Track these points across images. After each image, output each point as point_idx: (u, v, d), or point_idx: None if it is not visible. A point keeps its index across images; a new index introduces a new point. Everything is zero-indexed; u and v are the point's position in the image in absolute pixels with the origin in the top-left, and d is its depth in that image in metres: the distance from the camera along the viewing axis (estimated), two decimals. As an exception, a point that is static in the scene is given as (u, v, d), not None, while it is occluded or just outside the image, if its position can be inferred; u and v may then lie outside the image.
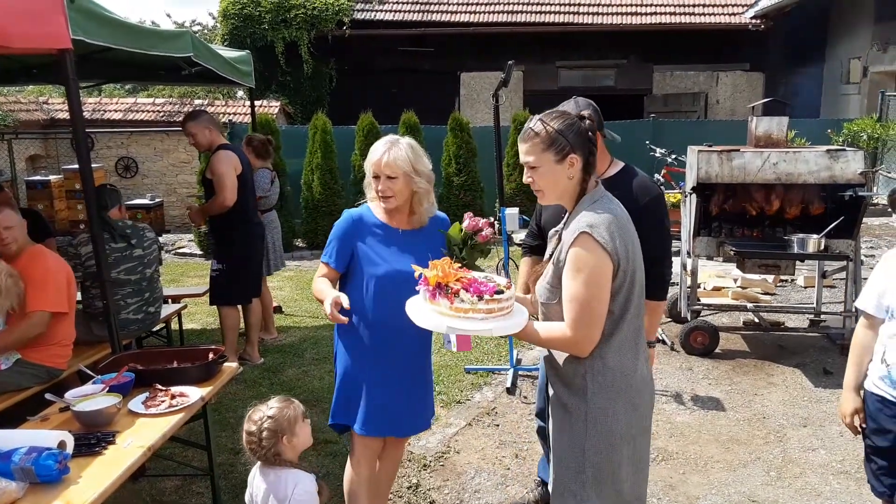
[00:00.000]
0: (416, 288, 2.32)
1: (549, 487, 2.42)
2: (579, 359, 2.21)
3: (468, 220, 2.70)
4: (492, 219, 2.98)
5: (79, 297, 4.58)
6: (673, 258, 3.04)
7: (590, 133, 2.21)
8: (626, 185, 2.92)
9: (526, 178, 2.25)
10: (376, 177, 2.76)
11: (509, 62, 4.83)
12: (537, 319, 2.39)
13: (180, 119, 5.68)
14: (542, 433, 3.43)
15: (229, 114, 13.69)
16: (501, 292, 2.18)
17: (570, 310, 2.14)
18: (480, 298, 2.14)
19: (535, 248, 3.30)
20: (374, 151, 2.78)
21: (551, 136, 2.17)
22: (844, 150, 5.52)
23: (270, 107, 14.08)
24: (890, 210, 2.92)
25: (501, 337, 3.63)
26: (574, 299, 2.12)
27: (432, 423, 3.62)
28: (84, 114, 5.80)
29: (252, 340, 5.68)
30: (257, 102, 11.04)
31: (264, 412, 2.47)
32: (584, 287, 2.11)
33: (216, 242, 5.46)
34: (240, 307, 5.58)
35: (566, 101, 3.02)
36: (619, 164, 3.05)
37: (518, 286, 3.13)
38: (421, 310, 2.28)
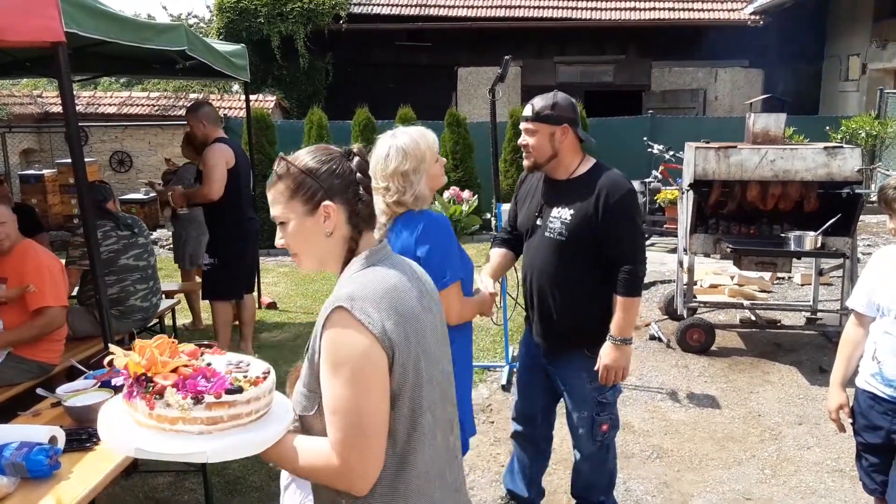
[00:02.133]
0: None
1: None
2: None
3: (465, 195, 2.72)
4: (468, 191, 3.03)
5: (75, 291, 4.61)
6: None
7: (359, 173, 1.64)
8: (594, 182, 2.87)
9: (277, 241, 1.67)
10: (438, 160, 2.60)
11: (506, 57, 4.81)
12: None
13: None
14: (519, 437, 3.36)
15: (224, 108, 13.65)
16: (238, 391, 1.49)
17: (331, 425, 1.48)
18: (198, 402, 1.43)
19: (507, 241, 3.27)
20: (427, 136, 2.55)
21: (296, 179, 1.59)
22: (842, 147, 5.51)
23: (266, 101, 14.05)
24: (881, 207, 2.90)
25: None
26: (335, 410, 1.47)
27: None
28: (78, 108, 5.77)
29: (246, 336, 5.66)
30: (253, 97, 11.01)
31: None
32: (345, 390, 1.45)
33: (210, 237, 5.44)
34: (233, 302, 5.56)
35: (546, 93, 2.98)
36: (591, 162, 2.98)
37: (485, 272, 3.12)
38: (110, 417, 1.55)
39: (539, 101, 2.91)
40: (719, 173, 5.49)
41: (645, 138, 10.71)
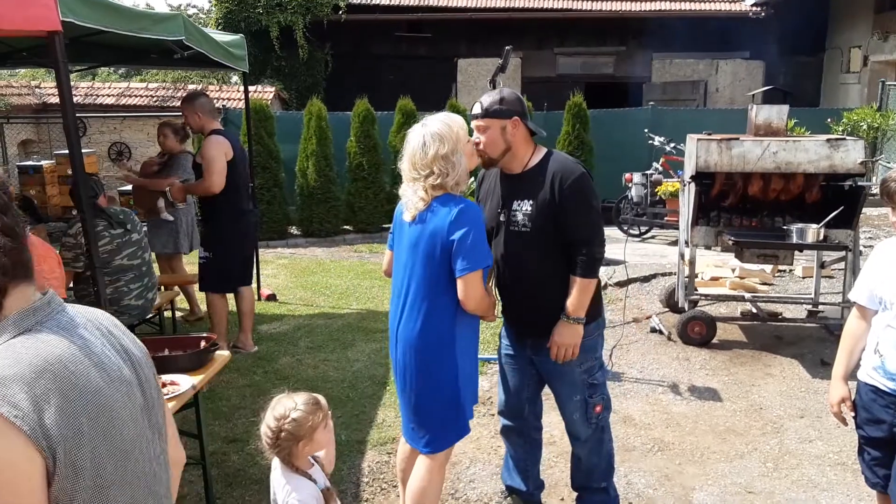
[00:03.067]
0: None
1: None
2: None
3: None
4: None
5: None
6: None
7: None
8: (547, 170, 2.93)
9: None
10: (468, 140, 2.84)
11: (507, 47, 4.76)
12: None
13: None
14: (508, 431, 3.36)
15: (223, 99, 13.60)
16: None
17: None
18: None
19: None
20: (458, 119, 2.79)
21: None
22: (844, 139, 5.47)
23: (265, 92, 13.99)
24: (882, 200, 2.87)
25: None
26: None
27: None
28: (76, 98, 5.74)
29: (245, 328, 5.63)
30: (251, 88, 10.96)
31: (288, 412, 2.30)
32: None
33: (205, 229, 5.40)
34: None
35: (492, 91, 3.05)
36: (542, 151, 3.03)
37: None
38: None
39: (487, 98, 2.96)
40: (721, 165, 5.46)
41: (646, 130, 10.67)
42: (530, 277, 3.00)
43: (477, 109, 2.97)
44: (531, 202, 2.92)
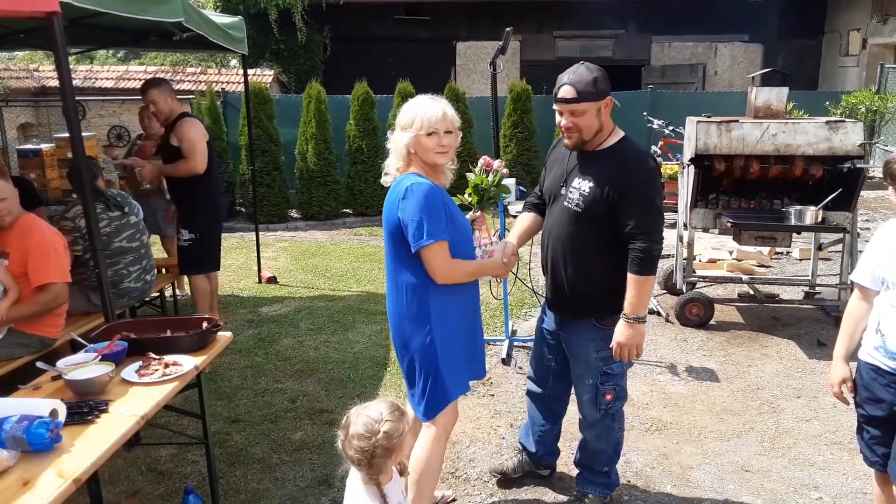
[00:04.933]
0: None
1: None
2: None
3: (496, 164, 2.98)
4: (499, 161, 3.09)
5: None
6: (664, 234, 3.01)
7: None
8: (619, 157, 2.89)
9: None
10: (430, 134, 2.70)
11: (507, 29, 4.77)
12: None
13: (175, 88, 5.59)
14: (532, 396, 3.44)
15: (222, 82, 13.54)
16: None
17: None
18: None
19: (536, 206, 3.33)
20: (428, 109, 2.71)
21: None
22: (844, 121, 5.48)
23: (264, 75, 13.94)
24: (885, 182, 2.86)
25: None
26: None
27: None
28: (75, 82, 5.71)
29: (213, 306, 5.60)
30: (250, 71, 10.91)
31: (377, 426, 2.10)
32: None
33: (185, 212, 5.36)
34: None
35: (575, 68, 2.90)
36: (619, 135, 2.97)
37: (512, 235, 3.24)
38: None
39: (578, 81, 2.83)
40: (720, 147, 5.47)
41: (645, 113, 10.65)
42: (571, 253, 2.99)
43: (569, 94, 2.83)
44: (591, 184, 2.87)
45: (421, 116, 2.69)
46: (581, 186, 2.91)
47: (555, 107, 2.91)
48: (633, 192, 2.81)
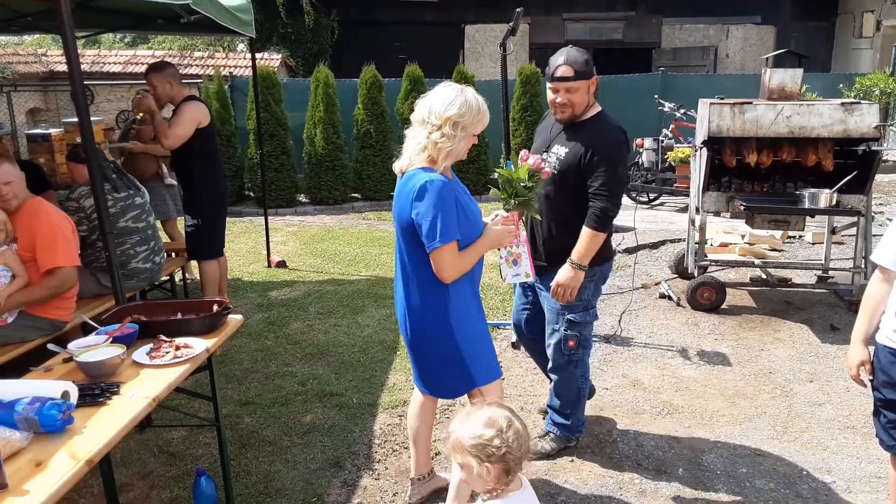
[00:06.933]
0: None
1: None
2: None
3: (532, 159, 2.88)
4: (537, 157, 3.02)
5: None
6: (622, 201, 3.29)
7: None
8: (593, 127, 3.22)
9: None
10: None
11: (518, 9, 4.69)
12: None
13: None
14: (515, 345, 3.96)
15: (230, 67, 13.51)
16: None
17: None
18: None
19: None
20: (484, 113, 2.65)
21: None
22: (859, 103, 5.40)
23: (272, 59, 13.88)
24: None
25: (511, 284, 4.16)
26: None
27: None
28: (83, 66, 5.69)
29: (223, 289, 5.60)
30: (258, 55, 10.87)
31: (507, 433, 1.89)
32: None
33: (190, 197, 5.34)
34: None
35: (565, 50, 3.23)
36: (597, 108, 3.30)
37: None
38: None
39: (574, 62, 3.15)
40: (734, 130, 5.40)
41: (656, 96, 10.57)
42: (549, 211, 3.33)
43: (566, 72, 3.15)
44: (566, 150, 3.23)
45: (485, 115, 2.65)
46: (559, 152, 3.27)
47: (550, 85, 3.23)
48: (600, 158, 3.14)
